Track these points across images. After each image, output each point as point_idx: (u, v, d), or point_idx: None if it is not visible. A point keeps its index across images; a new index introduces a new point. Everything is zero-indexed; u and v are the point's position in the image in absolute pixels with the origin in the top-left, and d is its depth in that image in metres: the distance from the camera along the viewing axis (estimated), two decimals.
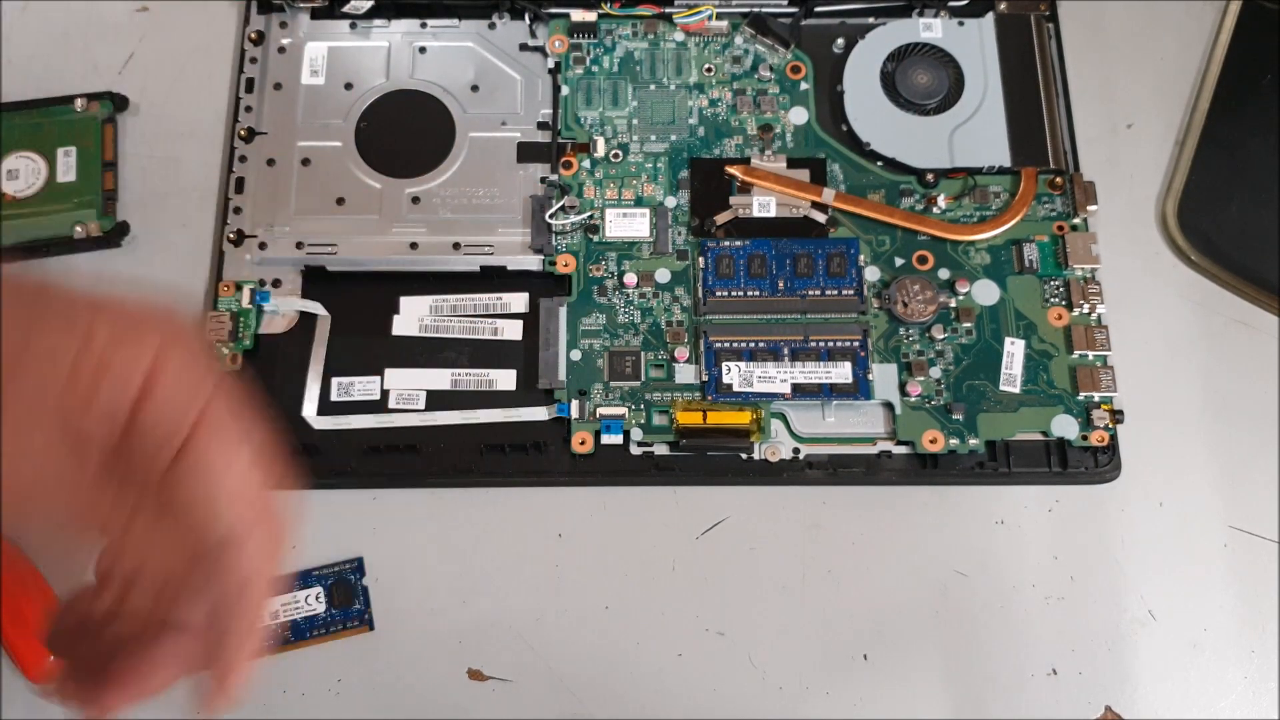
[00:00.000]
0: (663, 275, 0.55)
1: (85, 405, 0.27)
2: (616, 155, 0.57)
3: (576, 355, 0.54)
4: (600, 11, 0.59)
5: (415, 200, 0.56)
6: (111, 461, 0.28)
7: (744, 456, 0.52)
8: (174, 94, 0.61)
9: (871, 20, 0.60)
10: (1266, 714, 0.49)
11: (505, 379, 0.54)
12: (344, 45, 0.59)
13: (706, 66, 0.59)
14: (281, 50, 0.59)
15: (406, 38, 0.60)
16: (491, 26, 0.60)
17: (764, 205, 0.56)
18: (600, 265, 0.55)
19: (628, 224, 0.56)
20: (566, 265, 0.55)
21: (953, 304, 0.54)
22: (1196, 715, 0.50)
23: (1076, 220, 0.56)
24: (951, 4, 0.60)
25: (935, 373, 0.53)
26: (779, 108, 0.58)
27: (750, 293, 0.54)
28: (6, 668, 0.50)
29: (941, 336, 0.54)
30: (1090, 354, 0.53)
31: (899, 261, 0.55)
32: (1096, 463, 0.52)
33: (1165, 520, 0.52)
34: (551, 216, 0.55)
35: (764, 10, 0.59)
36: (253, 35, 0.59)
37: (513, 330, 0.55)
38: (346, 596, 0.51)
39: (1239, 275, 0.56)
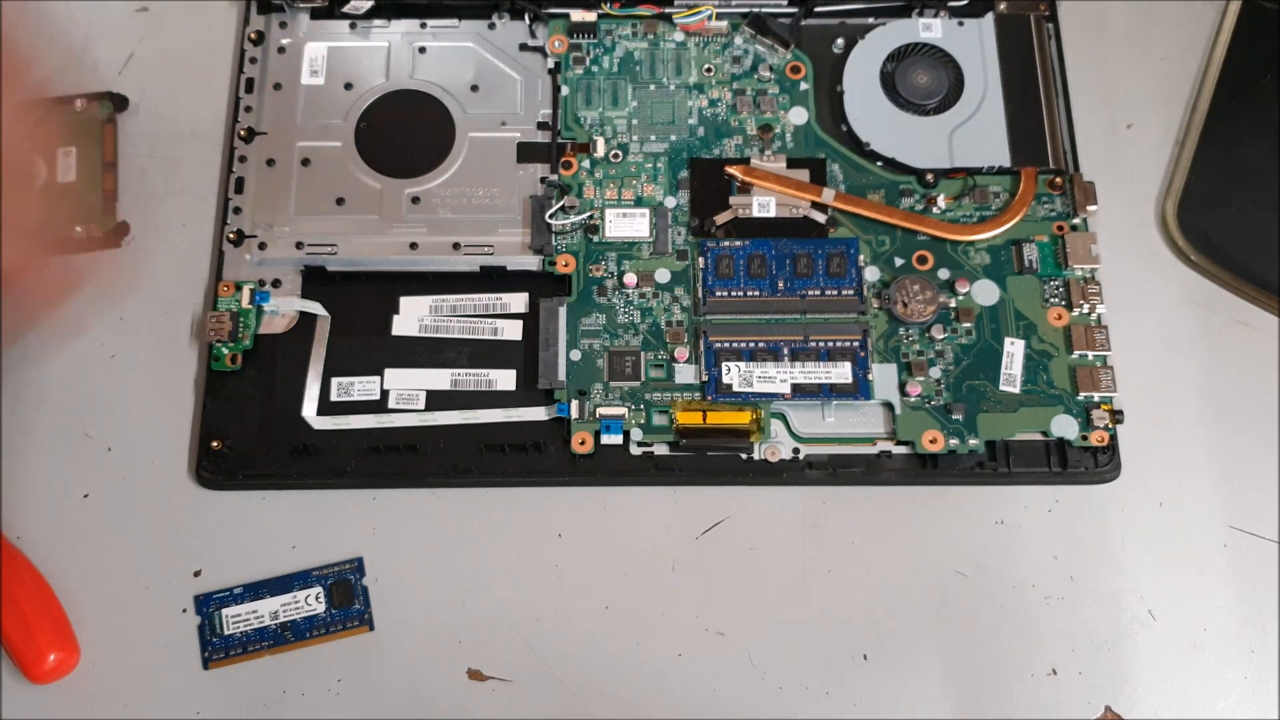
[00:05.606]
0: (663, 275, 0.55)
1: None
2: (616, 155, 0.57)
3: (576, 355, 0.54)
4: (600, 11, 0.59)
5: (415, 200, 0.56)
6: None
7: (744, 456, 0.52)
8: (174, 94, 0.61)
9: (871, 20, 0.60)
10: (1266, 714, 0.49)
11: (505, 379, 0.54)
12: (344, 45, 0.59)
13: (706, 66, 0.59)
14: (281, 50, 0.59)
15: (406, 38, 0.60)
16: (491, 26, 0.60)
17: (764, 205, 0.56)
18: (600, 265, 0.55)
19: (627, 224, 0.56)
20: (566, 265, 0.55)
21: (952, 304, 0.54)
22: (1196, 715, 0.50)
23: (1076, 220, 0.56)
24: (951, 4, 0.60)
25: (935, 373, 0.53)
26: (779, 108, 0.58)
27: (750, 293, 0.54)
28: (6, 668, 0.50)
29: (941, 336, 0.53)
30: (1090, 354, 0.53)
31: (899, 261, 0.55)
32: (1096, 463, 0.52)
33: (1165, 520, 0.52)
34: (551, 216, 0.55)
35: (764, 10, 0.59)
36: (253, 35, 0.59)
37: (513, 330, 0.55)
38: (346, 596, 0.51)
39: (1239, 275, 0.56)
